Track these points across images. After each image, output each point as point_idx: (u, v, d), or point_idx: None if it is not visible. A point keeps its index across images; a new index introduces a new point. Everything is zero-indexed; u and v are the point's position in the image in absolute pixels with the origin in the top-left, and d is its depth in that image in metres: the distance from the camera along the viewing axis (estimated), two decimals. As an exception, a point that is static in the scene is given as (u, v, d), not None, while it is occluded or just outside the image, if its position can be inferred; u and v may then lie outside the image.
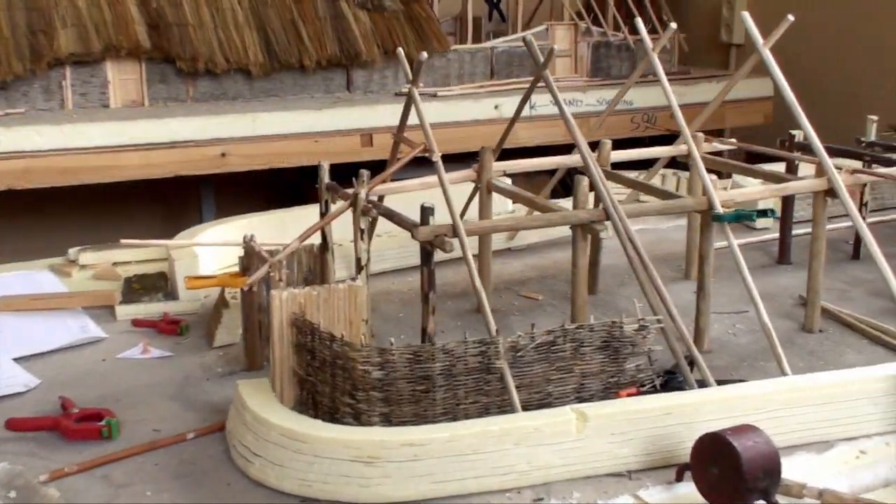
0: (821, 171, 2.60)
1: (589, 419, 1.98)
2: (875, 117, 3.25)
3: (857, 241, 3.37)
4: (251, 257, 2.40)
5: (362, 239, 2.31)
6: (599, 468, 1.99)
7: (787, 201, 3.26)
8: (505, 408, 2.07)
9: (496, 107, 5.25)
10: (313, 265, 2.52)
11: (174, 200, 5.62)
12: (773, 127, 5.90)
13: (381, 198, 2.80)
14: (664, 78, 2.76)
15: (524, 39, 2.57)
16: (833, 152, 3.14)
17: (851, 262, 3.37)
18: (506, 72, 5.66)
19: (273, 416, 1.97)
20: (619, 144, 3.17)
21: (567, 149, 3.14)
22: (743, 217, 2.41)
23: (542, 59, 2.51)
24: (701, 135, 3.08)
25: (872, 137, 3.25)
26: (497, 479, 1.93)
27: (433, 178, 2.74)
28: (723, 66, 7.00)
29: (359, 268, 2.31)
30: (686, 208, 2.54)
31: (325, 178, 2.48)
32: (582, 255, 2.37)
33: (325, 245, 2.48)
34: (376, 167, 2.72)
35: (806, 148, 3.17)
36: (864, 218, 3.21)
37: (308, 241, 2.52)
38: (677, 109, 2.67)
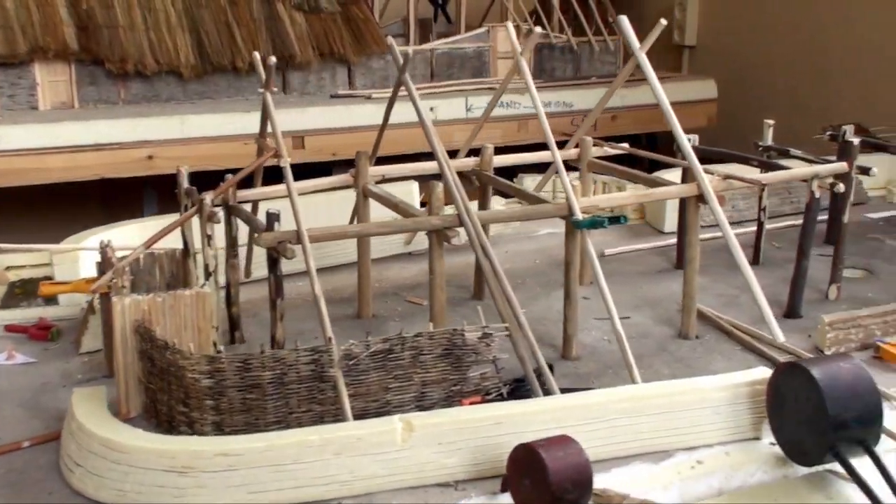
0: (693, 177, 2.58)
1: (415, 429, 1.96)
2: (771, 121, 3.23)
3: (757, 246, 3.36)
4: (106, 263, 2.39)
5: (209, 245, 2.29)
6: (425, 478, 1.97)
7: (684, 209, 3.23)
8: (340, 416, 2.06)
9: (431, 109, 5.22)
10: (176, 270, 2.50)
11: (116, 201, 5.61)
12: (717, 129, 5.89)
13: (255, 204, 2.79)
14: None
15: (389, 46, 2.54)
16: (731, 158, 3.14)
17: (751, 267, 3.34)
18: (447, 74, 5.64)
19: (94, 426, 1.96)
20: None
21: (503, 150, 3.14)
22: (597, 224, 2.39)
23: (401, 62, 2.49)
24: (589, 139, 3.06)
25: (769, 142, 3.23)
26: (318, 490, 1.91)
27: (305, 184, 2.74)
28: (676, 67, 6.99)
29: (207, 274, 2.30)
30: (546, 214, 2.52)
31: (185, 183, 2.47)
32: (438, 261, 2.35)
33: (186, 251, 2.47)
34: (309, 170, 2.72)
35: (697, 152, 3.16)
36: (762, 222, 3.21)
37: (174, 247, 2.52)
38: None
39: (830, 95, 5.77)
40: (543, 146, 3.06)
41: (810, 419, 1.95)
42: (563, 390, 2.22)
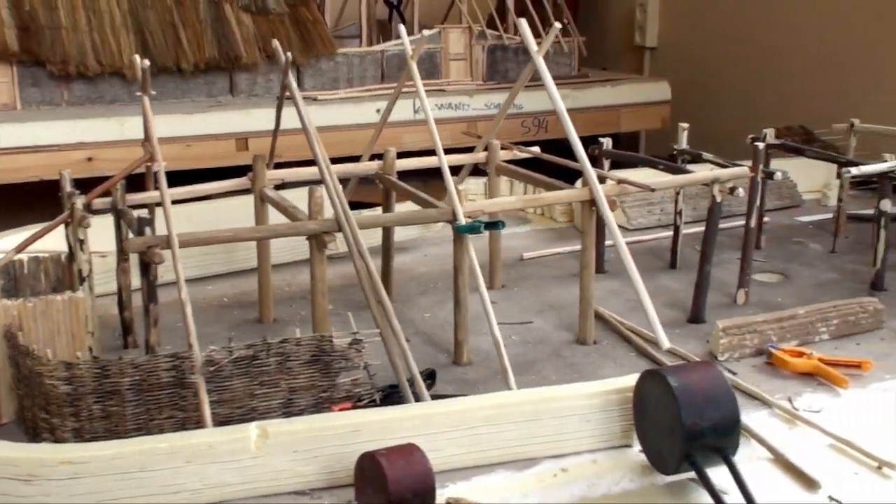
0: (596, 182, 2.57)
1: (270, 436, 1.95)
2: (685, 125, 3.21)
3: (674, 250, 3.34)
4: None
5: (81, 250, 2.27)
6: (280, 486, 1.96)
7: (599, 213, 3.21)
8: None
9: (378, 111, 5.21)
10: (62, 275, 2.49)
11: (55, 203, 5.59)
12: (671, 131, 5.87)
13: (151, 208, 2.77)
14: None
15: (275, 50, 2.53)
16: (642, 162, 3.12)
17: (668, 271, 3.33)
18: (397, 75, 5.61)
19: (-56, 432, 1.95)
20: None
21: (450, 152, 3.11)
22: (474, 229, 2.37)
23: (283, 64, 2.47)
24: (497, 142, 3.04)
25: (684, 145, 3.21)
26: (167, 498, 1.89)
27: (200, 187, 2.73)
28: (638, 68, 6.97)
29: (80, 279, 2.28)
30: (429, 219, 2.50)
31: (67, 186, 2.45)
32: (318, 267, 2.34)
33: (71, 255, 2.45)
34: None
35: (609, 156, 3.15)
36: (678, 226, 3.20)
37: (58, 251, 2.50)
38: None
39: (784, 97, 5.76)
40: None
41: (667, 427, 1.94)
42: (435, 397, 2.20)
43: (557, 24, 2.75)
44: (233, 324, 2.84)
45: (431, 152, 3.03)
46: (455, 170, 3.34)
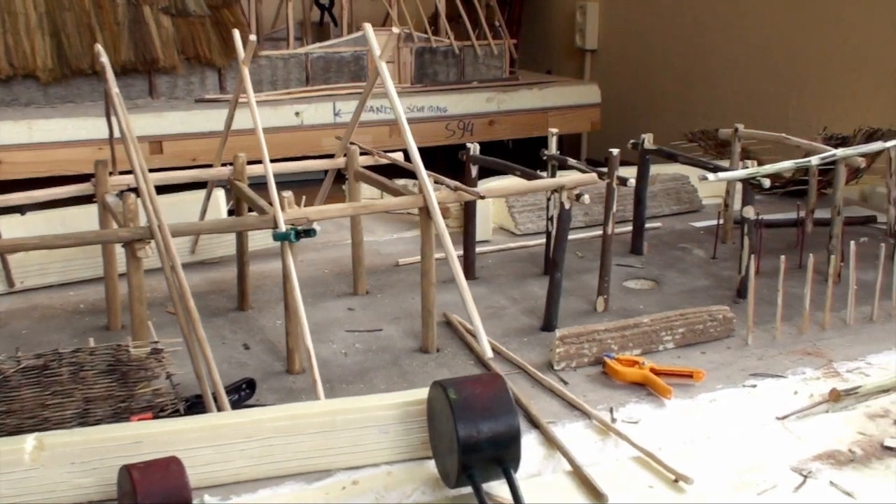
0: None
1: (46, 448, 1.92)
2: (555, 130, 3.18)
3: (548, 256, 3.30)
4: None
5: None
6: (56, 499, 1.93)
7: (469, 218, 3.19)
8: (-8, 434, 2.01)
9: (297, 114, 5.20)
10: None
11: None
12: (612, 132, 5.85)
13: (22, 210, 2.74)
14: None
15: (96, 53, 2.50)
16: (503, 168, 3.09)
17: (540, 278, 3.29)
18: (323, 78, 5.60)
19: None
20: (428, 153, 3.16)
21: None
22: (286, 237, 2.34)
23: (103, 68, 2.44)
24: (356, 147, 3.01)
25: (553, 151, 3.18)
26: (-64, 510, 1.87)
27: (41, 193, 2.70)
28: (579, 70, 6.95)
29: None
30: (248, 226, 2.47)
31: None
32: (134, 274, 2.31)
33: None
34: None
35: (476, 161, 3.12)
36: (550, 232, 3.17)
37: None
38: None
39: (720, 100, 5.74)
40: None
41: (448, 439, 1.91)
42: (236, 406, 2.18)
43: (395, 30, 2.71)
44: (80, 330, 2.81)
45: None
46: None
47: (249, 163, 2.85)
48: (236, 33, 2.68)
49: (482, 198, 2.56)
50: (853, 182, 4.29)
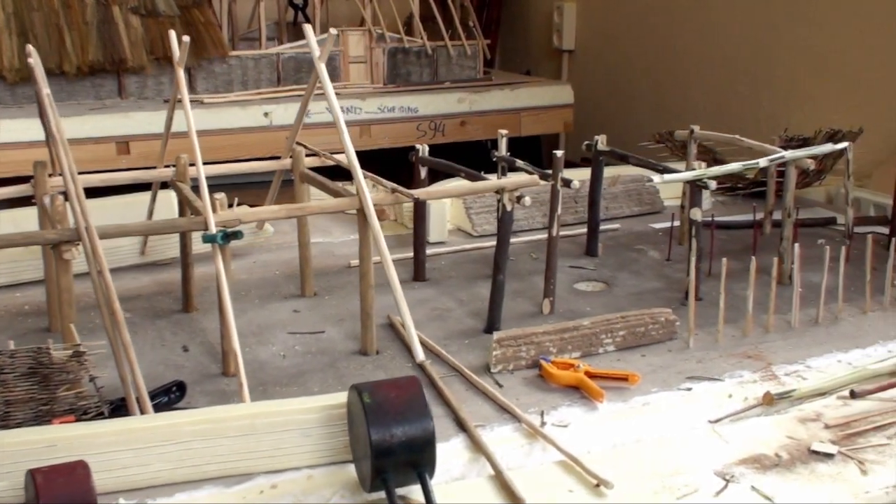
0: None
1: (-45, 452, 1.91)
2: (505, 131, 3.17)
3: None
4: None
5: None
6: (-34, 503, 1.92)
7: (419, 219, 3.18)
8: None
9: (266, 114, 5.18)
10: None
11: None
12: (579, 134, 5.83)
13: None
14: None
15: (27, 54, 2.48)
16: (450, 170, 3.08)
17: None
18: (294, 78, 5.58)
19: None
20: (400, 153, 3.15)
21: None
22: (213, 239, 2.32)
23: (31, 68, 2.43)
24: (301, 149, 3.00)
25: (503, 152, 3.16)
26: None
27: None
28: (558, 72, 6.94)
29: None
30: (178, 228, 2.46)
31: None
32: (62, 277, 2.29)
33: None
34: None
35: (425, 163, 3.11)
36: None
37: None
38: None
39: (697, 101, 5.73)
40: (386, 152, 3.01)
41: (364, 443, 1.90)
42: (165, 409, 2.17)
43: (333, 31, 2.69)
44: (21, 332, 2.80)
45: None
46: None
47: (209, 163, 2.85)
48: (172, 35, 2.66)
49: (417, 200, 2.54)
50: (817, 183, 4.29)
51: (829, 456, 2.11)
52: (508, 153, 3.21)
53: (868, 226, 3.72)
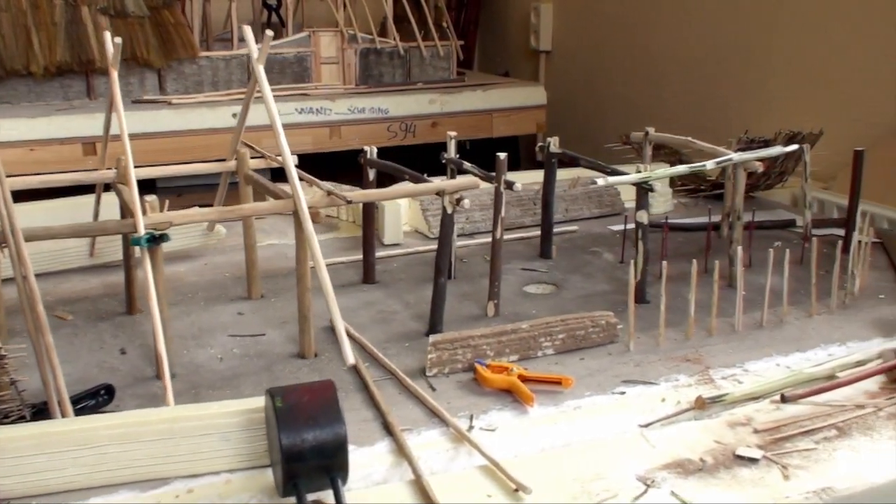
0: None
1: None
2: (454, 133, 3.15)
3: (449, 261, 3.27)
4: None
5: None
6: None
7: (367, 221, 3.17)
8: None
9: (234, 115, 5.17)
10: None
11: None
12: (554, 135, 5.82)
13: None
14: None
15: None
16: (394, 172, 3.06)
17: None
18: (266, 78, 5.55)
19: None
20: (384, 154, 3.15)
21: (314, 157, 3.04)
22: (137, 243, 2.32)
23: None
24: (246, 151, 2.99)
25: (452, 154, 3.15)
26: None
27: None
28: (534, 72, 6.93)
29: None
30: (107, 231, 2.45)
31: None
32: (-11, 279, 2.28)
33: None
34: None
35: (373, 165, 3.10)
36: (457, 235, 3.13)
37: None
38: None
39: (672, 104, 5.72)
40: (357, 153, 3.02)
41: (275, 448, 1.88)
42: (92, 412, 2.16)
43: (270, 32, 2.67)
44: (-39, 335, 2.79)
45: (320, 157, 2.96)
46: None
47: (175, 164, 2.84)
48: (107, 35, 2.65)
49: (349, 202, 2.53)
50: (779, 185, 4.27)
51: (753, 461, 2.10)
52: (457, 155, 3.19)
53: (826, 228, 3.70)
